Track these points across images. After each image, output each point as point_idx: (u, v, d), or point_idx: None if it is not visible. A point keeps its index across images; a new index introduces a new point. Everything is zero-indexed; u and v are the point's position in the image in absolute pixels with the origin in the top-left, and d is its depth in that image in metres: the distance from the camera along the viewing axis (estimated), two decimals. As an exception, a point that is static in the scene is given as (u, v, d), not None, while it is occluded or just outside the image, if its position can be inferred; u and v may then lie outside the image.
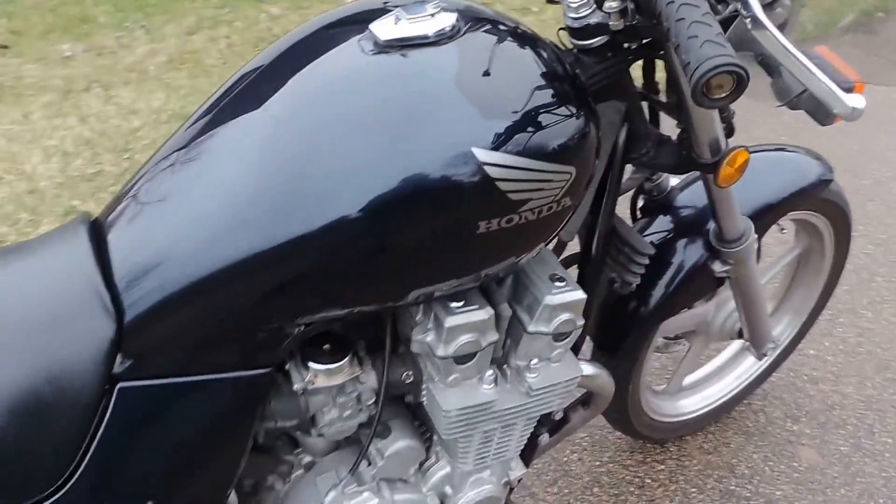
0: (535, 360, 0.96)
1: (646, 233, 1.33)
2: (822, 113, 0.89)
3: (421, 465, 1.07)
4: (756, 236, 1.26)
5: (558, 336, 0.95)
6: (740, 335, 1.50)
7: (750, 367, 1.72)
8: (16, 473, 0.76)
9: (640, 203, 1.34)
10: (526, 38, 0.87)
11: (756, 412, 1.78)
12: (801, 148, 1.47)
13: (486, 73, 0.80)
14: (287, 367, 0.89)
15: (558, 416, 1.17)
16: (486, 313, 0.89)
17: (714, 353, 1.75)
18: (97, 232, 0.82)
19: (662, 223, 1.33)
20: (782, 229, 1.51)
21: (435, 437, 1.06)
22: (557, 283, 0.93)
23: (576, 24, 0.89)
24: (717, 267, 1.27)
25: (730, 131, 1.05)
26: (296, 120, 0.78)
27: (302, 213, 0.75)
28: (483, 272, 0.87)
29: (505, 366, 0.99)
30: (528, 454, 1.17)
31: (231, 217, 0.76)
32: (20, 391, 0.74)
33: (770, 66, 0.91)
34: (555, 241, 1.00)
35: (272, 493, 1.02)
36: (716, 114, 1.01)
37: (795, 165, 1.43)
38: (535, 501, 1.56)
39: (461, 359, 0.91)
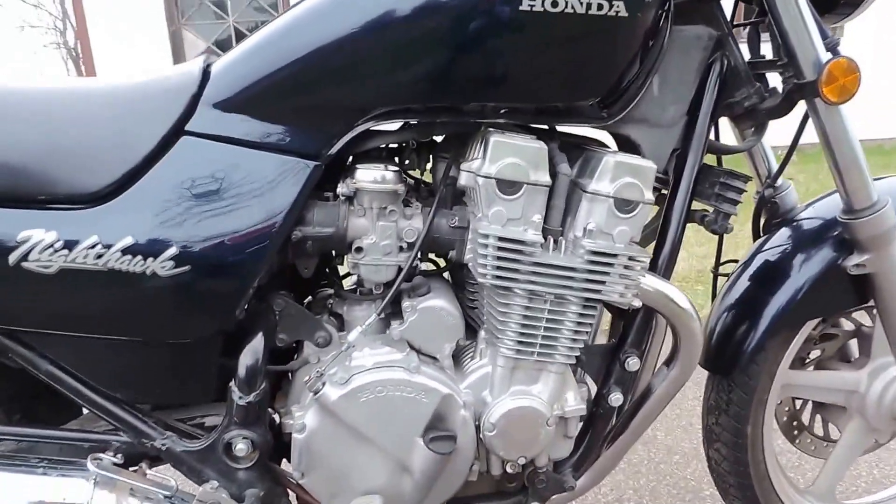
0: (591, 224, 0.89)
1: (767, 246, 1.21)
2: None
3: (458, 356, 0.97)
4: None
5: (620, 203, 0.88)
6: (909, 416, 1.20)
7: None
8: (84, 174, 0.87)
9: (763, 220, 1.24)
10: None
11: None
12: None
13: None
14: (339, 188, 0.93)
15: (632, 365, 0.98)
16: (536, 143, 0.87)
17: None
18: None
19: (785, 235, 1.20)
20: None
21: (480, 334, 0.96)
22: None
23: None
24: (851, 261, 1.09)
25: None
26: None
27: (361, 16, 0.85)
28: (533, 92, 0.88)
29: (561, 237, 0.91)
30: (599, 419, 1.00)
31: (307, 19, 0.88)
32: (117, 115, 0.90)
33: None
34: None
35: (307, 366, 0.97)
36: (812, 25, 0.95)
37: None
38: None
39: (504, 185, 0.86)
